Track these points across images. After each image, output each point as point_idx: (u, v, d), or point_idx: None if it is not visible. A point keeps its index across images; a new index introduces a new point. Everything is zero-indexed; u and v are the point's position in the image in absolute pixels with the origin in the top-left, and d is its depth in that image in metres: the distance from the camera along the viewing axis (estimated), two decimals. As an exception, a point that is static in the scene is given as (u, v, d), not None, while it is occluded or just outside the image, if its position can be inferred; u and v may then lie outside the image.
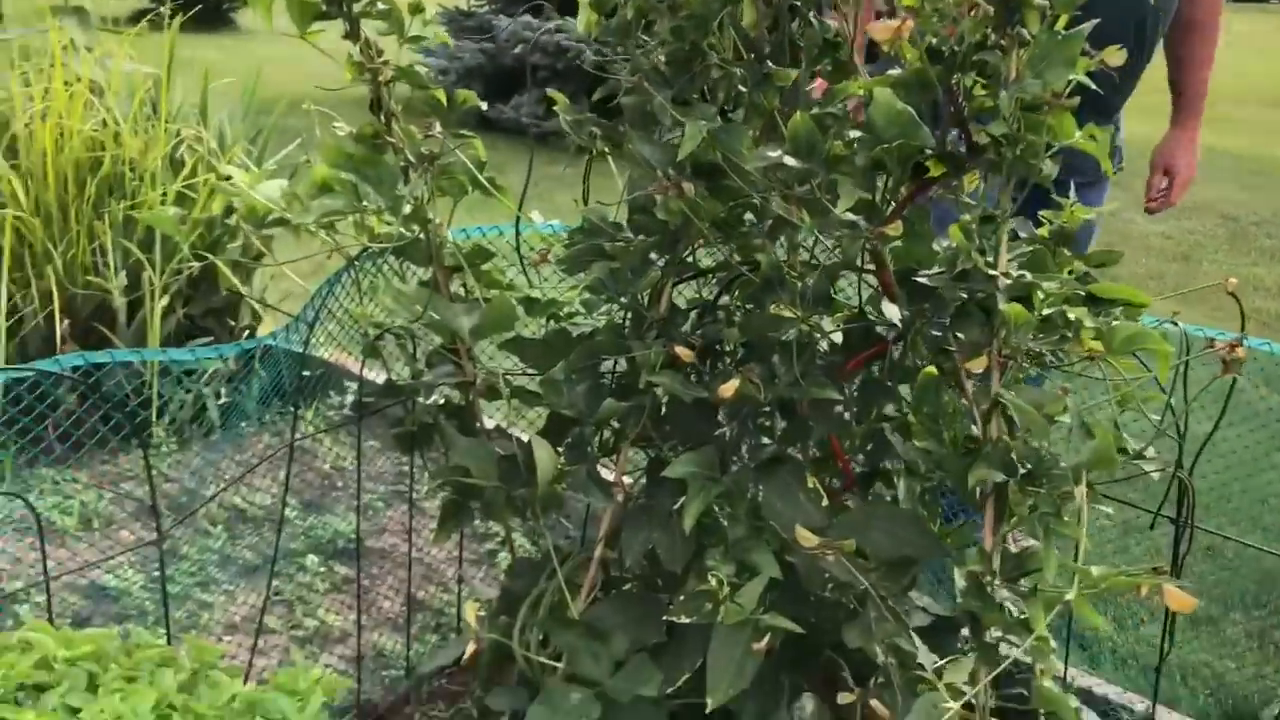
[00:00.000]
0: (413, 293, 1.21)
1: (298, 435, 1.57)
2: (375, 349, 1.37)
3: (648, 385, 1.15)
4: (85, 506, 2.04)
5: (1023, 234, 1.05)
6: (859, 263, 1.07)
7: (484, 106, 1.23)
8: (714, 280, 1.32)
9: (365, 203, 1.16)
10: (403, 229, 1.25)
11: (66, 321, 2.25)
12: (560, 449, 1.27)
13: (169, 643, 1.22)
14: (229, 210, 2.42)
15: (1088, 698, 1.57)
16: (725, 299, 1.33)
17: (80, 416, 2.22)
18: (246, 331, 2.58)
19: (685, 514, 1.05)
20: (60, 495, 2.05)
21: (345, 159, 1.16)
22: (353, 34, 1.13)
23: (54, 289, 2.21)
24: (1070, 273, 1.08)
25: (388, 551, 2.03)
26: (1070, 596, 0.80)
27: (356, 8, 1.11)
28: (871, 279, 1.15)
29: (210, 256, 2.31)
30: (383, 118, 1.16)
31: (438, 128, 1.17)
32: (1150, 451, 0.94)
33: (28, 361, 2.32)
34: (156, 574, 1.87)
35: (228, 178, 1.99)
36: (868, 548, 1.03)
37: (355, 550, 1.72)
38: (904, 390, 1.09)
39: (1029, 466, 0.90)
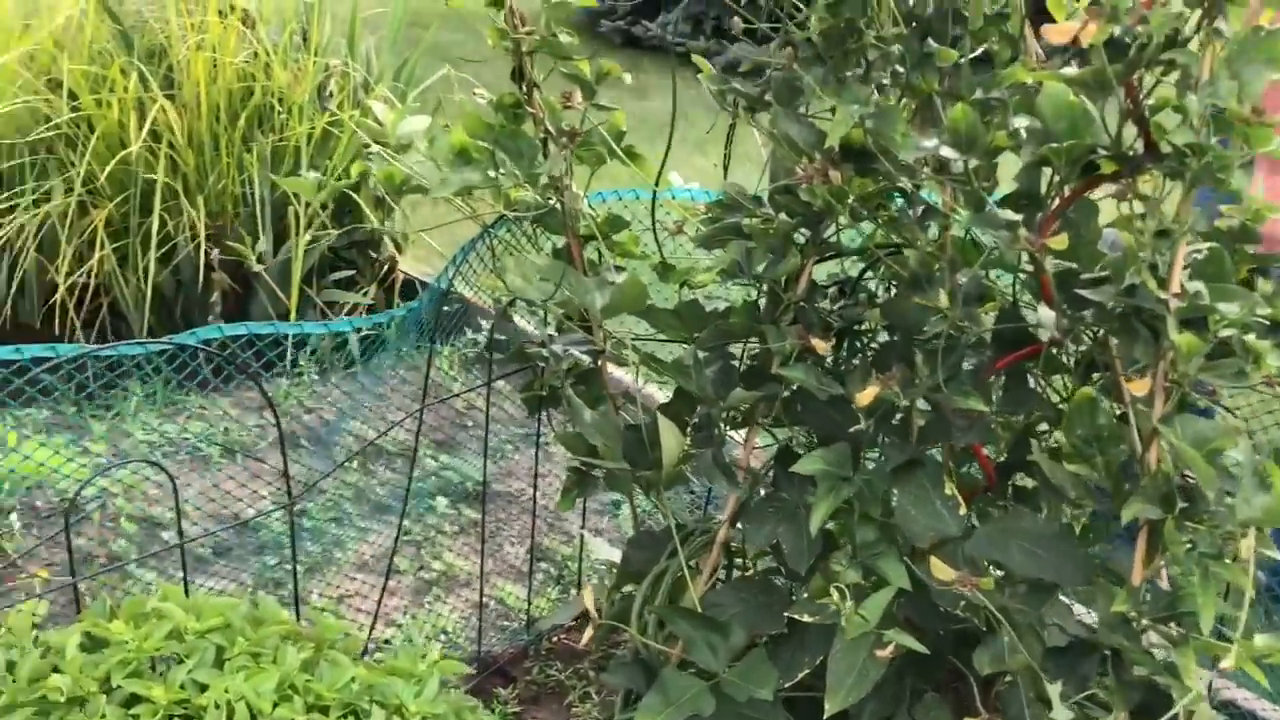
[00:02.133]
0: (545, 265, 1.19)
1: (432, 373, 1.58)
2: (506, 314, 1.36)
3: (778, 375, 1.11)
4: (228, 435, 2.11)
5: (1198, 228, 0.97)
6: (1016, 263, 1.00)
7: (627, 78, 1.18)
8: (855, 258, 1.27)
9: (502, 172, 1.13)
10: (538, 197, 1.23)
11: (215, 251, 2.31)
12: (687, 426, 1.25)
13: (297, 605, 1.26)
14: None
15: (1234, 713, 1.49)
16: (867, 277, 1.28)
17: (226, 343, 2.30)
18: (386, 265, 2.61)
19: (813, 513, 1.02)
20: (206, 423, 2.13)
21: (485, 129, 1.13)
22: (497, 2, 1.09)
23: (201, 219, 2.27)
24: (1250, 279, 0.99)
25: (514, 496, 2.05)
26: (1228, 664, 0.74)
27: None
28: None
29: (353, 195, 2.34)
30: (524, 88, 1.13)
31: (578, 98, 1.14)
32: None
33: (179, 289, 2.41)
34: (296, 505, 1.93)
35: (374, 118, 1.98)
36: (1007, 565, 0.98)
37: (482, 497, 1.74)
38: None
39: (1188, 502, 0.83)
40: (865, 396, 0.93)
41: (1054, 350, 1.05)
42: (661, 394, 1.98)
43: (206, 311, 2.37)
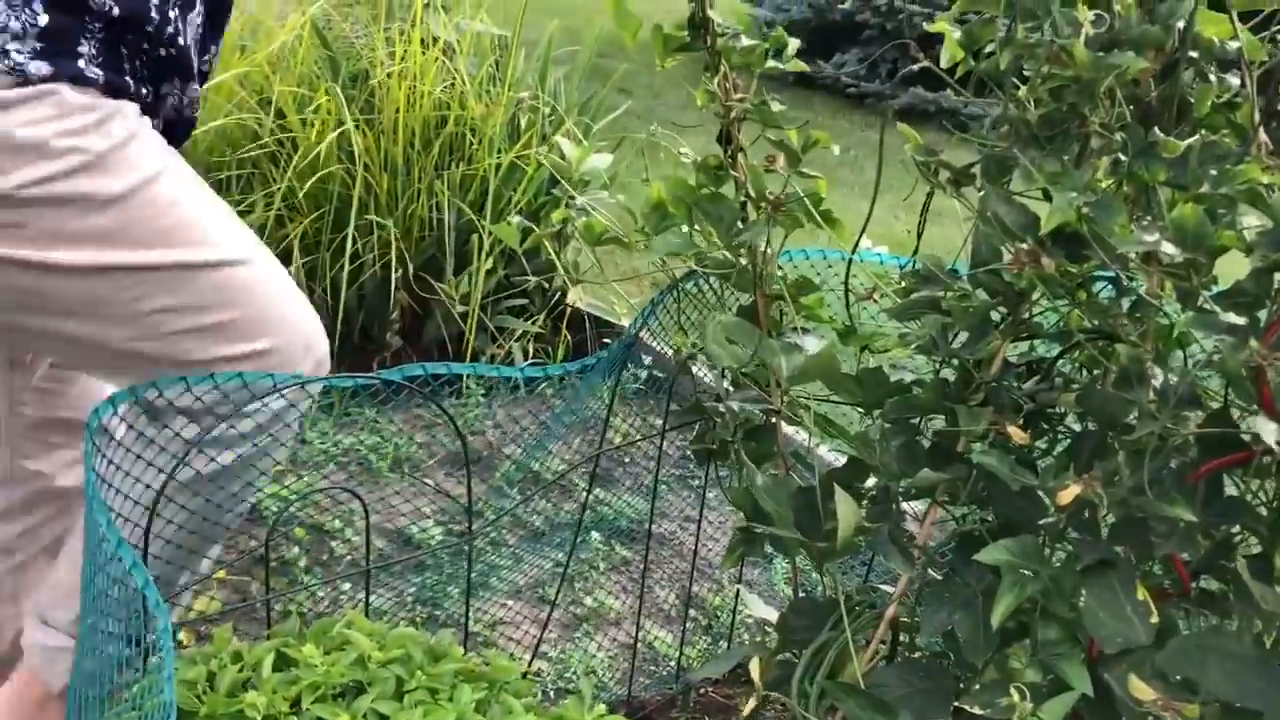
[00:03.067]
0: (734, 326, 1.19)
1: (611, 403, 1.60)
2: (686, 366, 1.37)
3: (967, 455, 1.08)
4: (398, 449, 2.18)
5: None
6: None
7: (835, 149, 1.18)
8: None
9: (699, 232, 1.14)
10: (731, 256, 1.24)
11: (400, 271, 2.40)
12: (861, 497, 1.23)
13: (466, 636, 1.28)
14: (554, 180, 2.50)
15: None
16: (1063, 361, 1.24)
17: (402, 360, 2.38)
18: (556, 295, 2.66)
19: (996, 606, 0.99)
20: (378, 436, 2.21)
21: (687, 190, 1.15)
22: (713, 66, 1.10)
23: (392, 239, 2.36)
24: None
25: (666, 538, 2.06)
26: None
27: (720, 42, 1.09)
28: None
29: (533, 227, 2.39)
30: (729, 152, 1.14)
31: (782, 162, 1.14)
32: None
33: (361, 303, 2.51)
34: (456, 528, 1.98)
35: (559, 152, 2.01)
36: (1202, 684, 0.93)
37: (640, 535, 1.75)
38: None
39: None
40: (1066, 495, 0.90)
41: (1265, 459, 0.99)
42: (831, 454, 1.96)
43: (385, 328, 2.46)
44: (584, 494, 2.12)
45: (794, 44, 1.13)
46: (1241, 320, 0.91)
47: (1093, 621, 0.98)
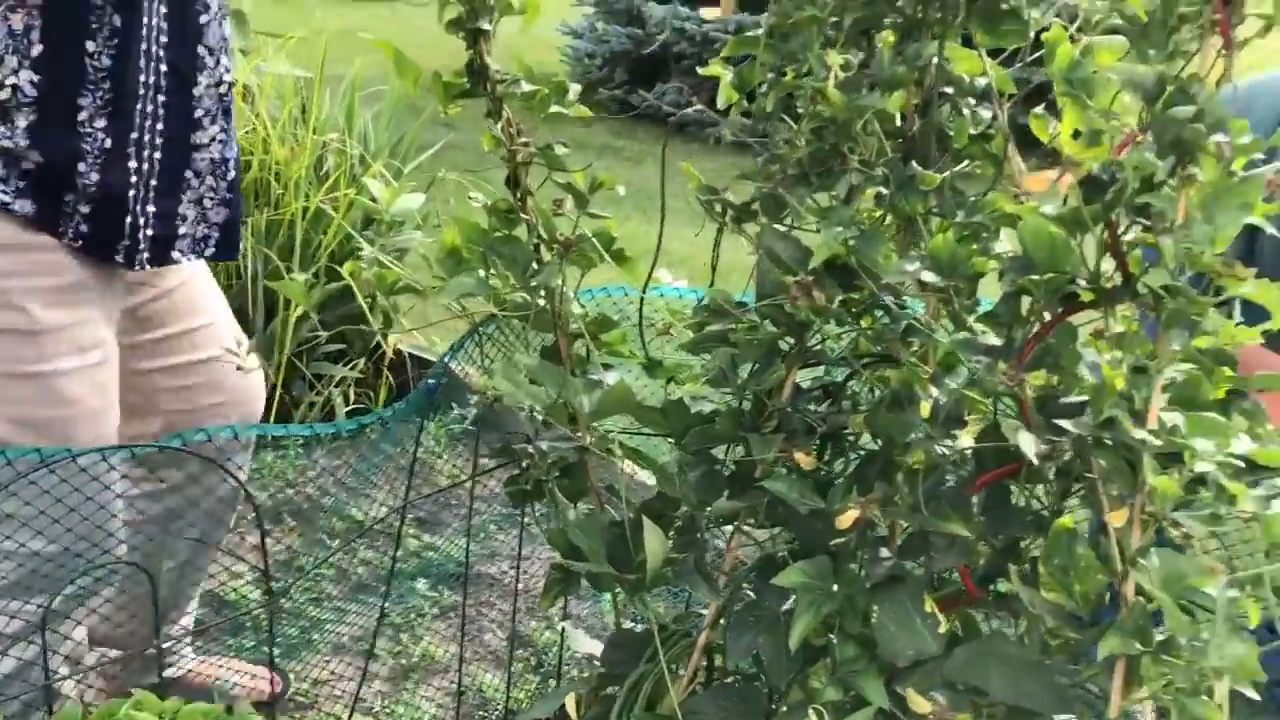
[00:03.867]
0: (533, 366, 1.20)
1: (415, 449, 1.59)
2: (493, 407, 1.37)
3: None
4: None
5: (1176, 345, 0.98)
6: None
7: (620, 190, 1.20)
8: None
9: (494, 276, 1.15)
10: (529, 297, 1.24)
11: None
12: (672, 525, 1.25)
13: (273, 703, 1.24)
14: (368, 220, 2.47)
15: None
16: (856, 383, 1.29)
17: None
18: (376, 339, 2.62)
19: (794, 628, 1.02)
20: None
21: (479, 234, 1.15)
22: (494, 113, 1.11)
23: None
24: (1229, 401, 1.00)
25: (496, 579, 2.04)
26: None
27: (500, 89, 1.09)
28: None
29: (340, 270, 2.35)
30: (518, 195, 1.15)
31: (570, 205, 1.15)
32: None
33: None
34: (277, 585, 1.92)
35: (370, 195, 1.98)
36: (986, 689, 0.98)
37: (464, 580, 1.73)
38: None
39: (1165, 636, 0.83)
40: (846, 519, 0.94)
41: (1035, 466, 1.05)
42: (652, 481, 1.98)
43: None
44: (407, 540, 2.09)
45: (575, 89, 1.14)
46: (998, 341, 0.96)
47: (885, 636, 1.02)
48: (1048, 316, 0.96)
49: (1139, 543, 0.86)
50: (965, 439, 1.10)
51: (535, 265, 1.20)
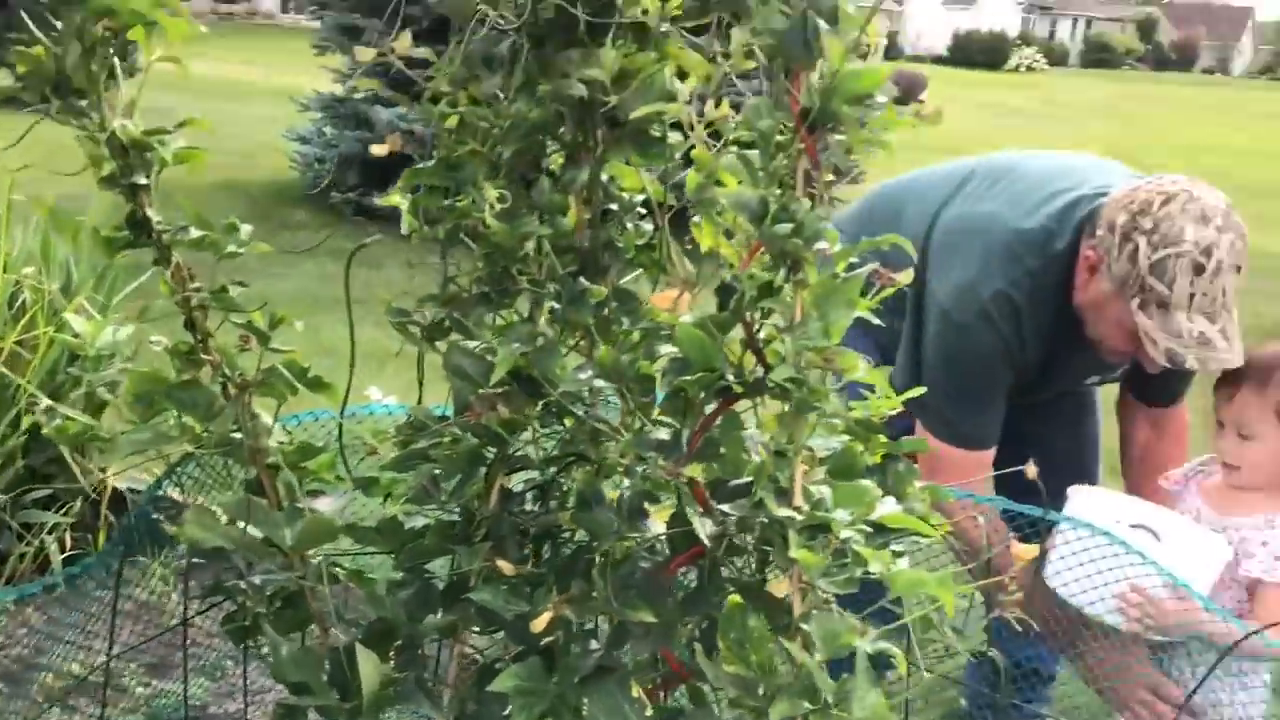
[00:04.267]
0: (230, 503, 1.19)
1: (135, 591, 1.53)
2: (204, 553, 1.34)
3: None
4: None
5: (836, 420, 1.09)
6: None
7: (298, 325, 1.22)
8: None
9: (177, 424, 1.15)
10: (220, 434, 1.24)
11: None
12: (391, 647, 1.26)
13: None
14: (73, 357, 2.36)
15: None
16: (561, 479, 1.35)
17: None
18: (92, 475, 2.50)
19: (509, 732, 1.05)
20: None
21: (157, 382, 1.15)
22: (163, 260, 1.12)
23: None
24: (884, 463, 1.12)
25: (233, 718, 1.97)
26: None
27: (166, 238, 1.10)
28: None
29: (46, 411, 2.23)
30: (198, 338, 1.15)
31: (254, 342, 1.17)
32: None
33: None
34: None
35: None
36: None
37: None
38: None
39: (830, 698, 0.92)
40: (540, 622, 0.99)
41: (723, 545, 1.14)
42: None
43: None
44: (135, 689, 1.99)
45: (246, 229, 1.16)
46: (667, 436, 1.04)
47: (596, 726, 1.07)
48: (708, 411, 1.05)
49: (800, 609, 0.95)
50: (658, 525, 1.18)
51: (222, 405, 1.20)
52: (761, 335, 0.98)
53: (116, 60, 1.01)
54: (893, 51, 36.86)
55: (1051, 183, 1.84)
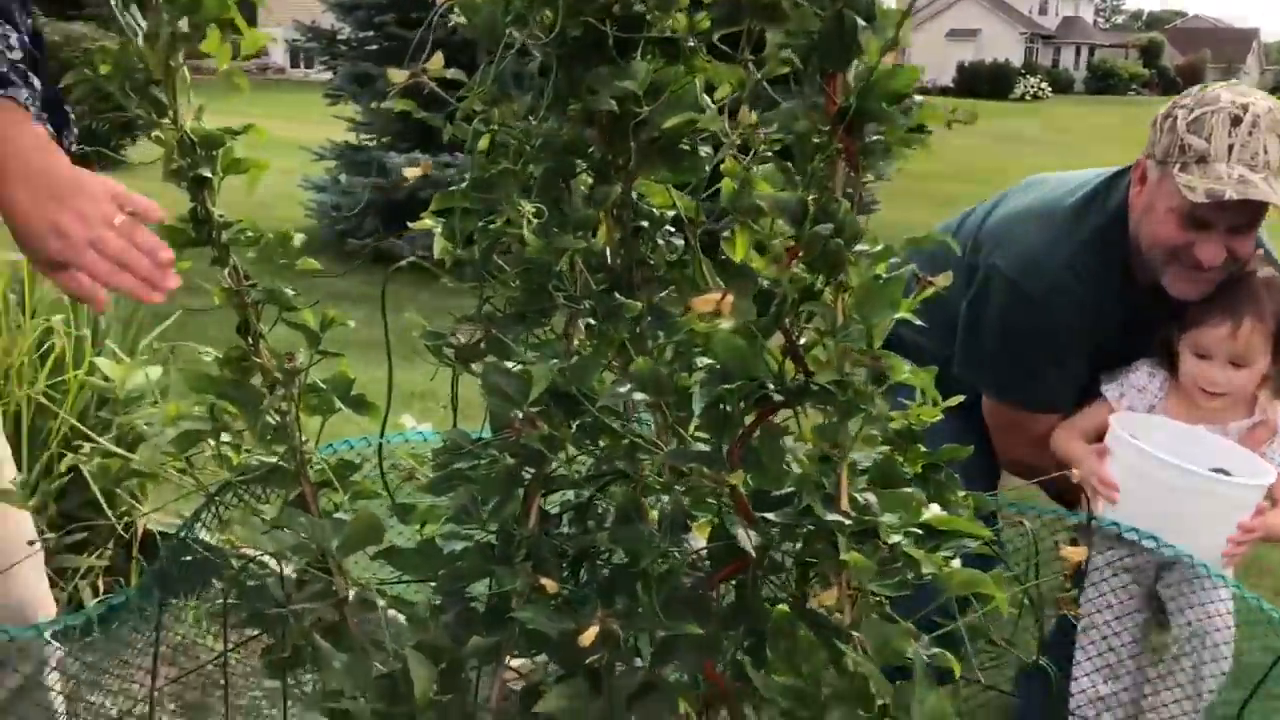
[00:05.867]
0: (278, 515, 1.19)
1: (168, 635, 1.52)
2: (240, 581, 1.34)
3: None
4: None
5: (875, 432, 1.08)
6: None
7: (351, 323, 1.22)
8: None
9: (223, 423, 1.15)
10: (264, 456, 1.24)
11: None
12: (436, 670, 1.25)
13: None
14: (101, 401, 2.37)
15: None
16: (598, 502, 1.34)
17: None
18: (126, 517, 2.50)
19: (556, 753, 1.04)
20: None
21: (208, 382, 1.15)
22: (221, 260, 1.13)
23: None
24: (924, 475, 1.12)
25: (272, 757, 1.95)
26: None
27: (225, 235, 1.11)
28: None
29: (75, 456, 2.24)
30: (250, 340, 1.15)
31: (300, 358, 1.17)
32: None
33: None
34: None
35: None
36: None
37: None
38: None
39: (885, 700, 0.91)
40: (587, 637, 0.98)
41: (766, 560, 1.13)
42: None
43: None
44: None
45: (300, 237, 1.17)
46: (708, 449, 1.04)
47: (644, 744, 1.06)
48: (749, 420, 1.05)
49: (850, 617, 0.94)
50: (699, 540, 1.17)
51: (270, 405, 1.20)
52: (801, 342, 0.98)
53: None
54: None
55: (1087, 173, 1.89)
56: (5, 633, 1.21)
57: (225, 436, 1.21)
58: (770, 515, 0.98)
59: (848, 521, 0.91)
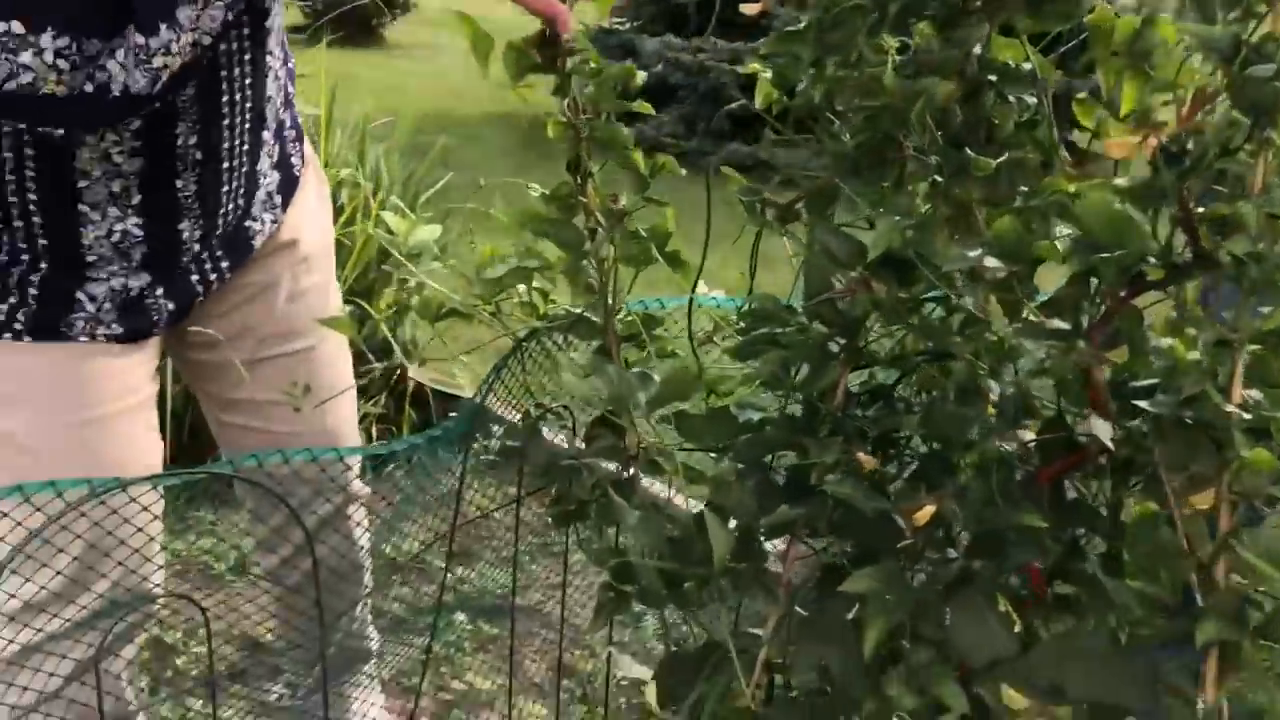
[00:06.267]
0: (589, 362, 1.17)
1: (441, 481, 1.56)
2: (537, 430, 1.34)
3: (820, 487, 1.08)
4: (241, 551, 2.07)
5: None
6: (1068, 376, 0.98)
7: (681, 171, 1.18)
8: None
9: (539, 265, 1.13)
10: (571, 306, 1.22)
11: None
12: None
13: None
14: (384, 255, 2.45)
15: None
16: (902, 386, 1.26)
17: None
18: (397, 373, 2.60)
19: (867, 636, 0.98)
20: (215, 538, 2.09)
21: (535, 218, 1.13)
22: (562, 89, 1.09)
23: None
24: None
25: (533, 610, 2.01)
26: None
27: (571, 62, 1.07)
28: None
29: (363, 305, 2.33)
30: (579, 178, 1.12)
31: (623, 201, 1.13)
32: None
33: (191, 397, 2.38)
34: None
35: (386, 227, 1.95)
36: (1066, 686, 0.94)
37: (505, 610, 1.70)
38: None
39: (1263, 617, 0.80)
40: (922, 515, 0.91)
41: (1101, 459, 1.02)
42: (690, 508, 1.95)
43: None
44: (443, 575, 2.05)
45: (640, 74, 1.12)
46: (1067, 325, 0.93)
47: (959, 638, 0.98)
48: (1113, 300, 0.93)
49: (1228, 524, 0.83)
50: (1027, 433, 1.07)
51: (590, 248, 1.17)
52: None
53: None
54: None
55: None
56: (313, 458, 1.24)
57: (534, 282, 1.19)
58: (1143, 403, 0.87)
59: (1246, 416, 0.79)
